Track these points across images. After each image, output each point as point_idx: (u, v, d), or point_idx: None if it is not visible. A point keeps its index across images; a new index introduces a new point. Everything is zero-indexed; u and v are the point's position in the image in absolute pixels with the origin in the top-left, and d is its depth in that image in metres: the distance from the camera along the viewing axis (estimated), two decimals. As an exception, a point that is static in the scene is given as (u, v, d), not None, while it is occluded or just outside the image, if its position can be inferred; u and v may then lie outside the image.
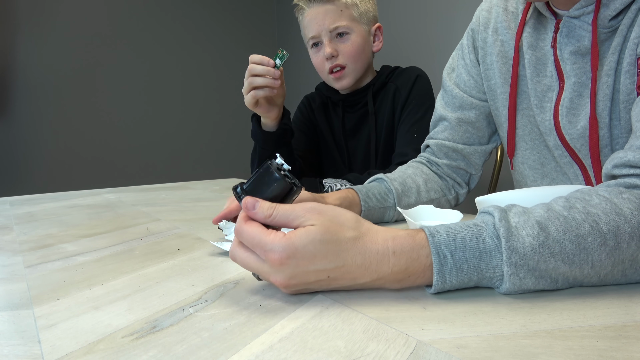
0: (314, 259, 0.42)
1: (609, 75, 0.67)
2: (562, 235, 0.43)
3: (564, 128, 0.73)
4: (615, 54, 0.66)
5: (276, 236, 0.43)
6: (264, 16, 3.29)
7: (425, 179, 0.88)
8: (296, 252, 0.42)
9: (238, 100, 3.23)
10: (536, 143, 0.80)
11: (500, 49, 0.82)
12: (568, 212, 0.45)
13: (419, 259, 0.44)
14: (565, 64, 0.71)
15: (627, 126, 0.66)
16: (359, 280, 0.44)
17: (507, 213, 0.45)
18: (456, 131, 0.90)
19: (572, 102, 0.71)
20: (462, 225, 0.45)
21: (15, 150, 2.57)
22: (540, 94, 0.76)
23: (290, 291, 0.45)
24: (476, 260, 0.43)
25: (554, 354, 0.33)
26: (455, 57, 0.92)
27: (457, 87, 0.90)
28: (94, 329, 0.40)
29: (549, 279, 0.44)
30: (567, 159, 0.75)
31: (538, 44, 0.76)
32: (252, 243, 0.44)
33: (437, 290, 0.44)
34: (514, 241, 0.43)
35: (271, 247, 0.42)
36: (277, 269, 0.43)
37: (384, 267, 0.44)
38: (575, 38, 0.69)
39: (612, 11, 0.64)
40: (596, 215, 0.45)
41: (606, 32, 0.67)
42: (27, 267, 0.60)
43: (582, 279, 0.45)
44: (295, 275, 0.43)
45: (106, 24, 2.76)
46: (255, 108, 1.05)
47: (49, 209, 1.11)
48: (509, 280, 0.43)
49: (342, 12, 1.16)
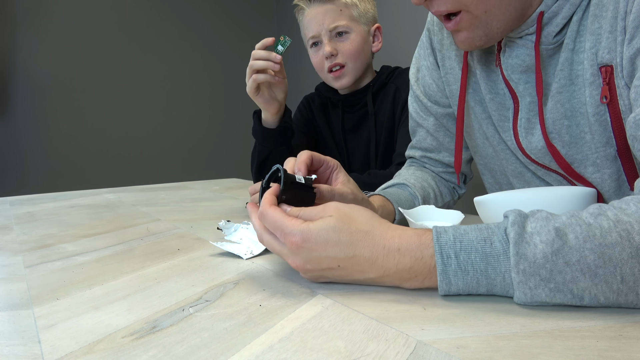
0: (326, 245, 0.45)
1: (561, 92, 0.64)
2: (581, 244, 0.39)
3: (526, 148, 0.70)
4: (565, 70, 0.63)
5: (296, 222, 0.46)
6: (263, 17, 3.29)
7: (436, 182, 0.88)
8: (311, 237, 0.45)
9: (238, 101, 3.23)
10: (508, 154, 0.77)
11: (457, 52, 0.78)
12: (595, 219, 0.41)
13: (423, 258, 0.43)
14: (517, 84, 0.68)
15: (603, 139, 0.63)
16: (368, 274, 0.46)
17: (525, 218, 0.42)
18: (435, 138, 0.88)
19: (529, 121, 0.69)
20: (474, 227, 0.44)
21: (15, 150, 2.57)
22: (496, 112, 0.73)
23: (308, 276, 0.49)
24: (483, 263, 0.41)
25: (554, 354, 0.33)
26: (418, 56, 0.89)
27: (423, 93, 0.87)
28: (94, 329, 0.40)
29: (569, 294, 0.39)
30: (543, 171, 0.73)
31: (487, 58, 0.73)
32: (274, 226, 0.47)
33: (445, 293, 0.43)
34: (524, 247, 0.40)
35: (290, 230, 0.46)
36: (295, 252, 0.46)
37: (389, 264, 0.45)
38: (520, 58, 0.66)
39: (556, 27, 0.62)
40: (628, 223, 0.40)
41: (552, 48, 0.64)
42: (27, 267, 0.60)
43: (615, 297, 0.39)
44: (309, 259, 0.46)
45: (106, 24, 2.76)
46: (256, 97, 1.04)
47: (49, 209, 1.11)
48: (517, 289, 0.40)
49: (341, 12, 1.16)
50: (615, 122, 0.60)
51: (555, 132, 0.66)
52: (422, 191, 0.82)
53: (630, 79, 0.56)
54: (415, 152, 0.92)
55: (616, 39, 0.57)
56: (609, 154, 0.64)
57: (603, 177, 0.66)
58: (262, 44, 0.99)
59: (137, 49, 2.86)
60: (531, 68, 0.66)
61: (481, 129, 0.78)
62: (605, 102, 0.60)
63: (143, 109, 2.90)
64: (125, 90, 2.84)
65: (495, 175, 0.84)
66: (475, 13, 0.61)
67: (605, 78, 0.59)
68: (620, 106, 0.59)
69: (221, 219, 0.82)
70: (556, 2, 0.61)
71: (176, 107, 3.01)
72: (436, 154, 0.89)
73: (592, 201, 0.61)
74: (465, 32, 0.63)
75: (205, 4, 3.07)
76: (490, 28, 0.62)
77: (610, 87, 0.59)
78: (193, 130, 3.06)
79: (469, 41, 0.64)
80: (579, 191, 0.61)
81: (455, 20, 0.62)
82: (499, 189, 0.85)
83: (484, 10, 0.60)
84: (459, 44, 0.66)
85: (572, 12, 0.60)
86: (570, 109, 0.64)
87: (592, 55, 0.60)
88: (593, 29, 0.59)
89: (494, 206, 0.62)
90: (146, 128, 2.91)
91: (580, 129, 0.65)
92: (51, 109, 2.64)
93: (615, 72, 0.58)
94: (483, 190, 0.91)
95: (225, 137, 3.16)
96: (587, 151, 0.65)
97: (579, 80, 0.62)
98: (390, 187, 0.83)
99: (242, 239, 0.67)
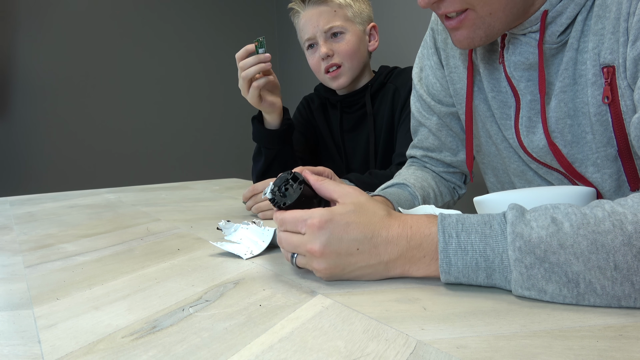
0: (347, 227, 0.47)
1: (564, 92, 0.64)
2: (575, 230, 0.41)
3: (528, 146, 0.70)
4: (569, 69, 0.63)
5: (315, 209, 0.49)
6: (263, 18, 3.29)
7: (436, 182, 0.88)
8: (334, 217, 0.47)
9: (238, 101, 3.23)
10: (510, 153, 0.77)
11: (461, 51, 0.78)
12: (591, 210, 0.42)
13: (430, 235, 0.46)
14: (518, 82, 0.68)
15: (604, 139, 0.63)
16: (383, 256, 0.48)
17: (525, 209, 0.45)
18: (437, 138, 0.88)
19: (531, 120, 0.69)
20: (476, 214, 0.47)
21: (15, 150, 2.57)
22: (499, 110, 0.73)
23: (323, 265, 0.48)
24: (482, 244, 0.43)
25: (554, 354, 0.33)
26: (421, 56, 0.88)
27: (426, 93, 0.87)
28: (94, 329, 0.40)
29: (564, 276, 0.40)
30: (544, 169, 0.73)
31: (490, 56, 0.73)
32: (294, 221, 0.49)
33: (446, 275, 0.45)
34: (520, 227, 0.42)
35: (311, 214, 0.48)
36: (315, 234, 0.47)
37: (402, 241, 0.47)
38: (523, 55, 0.66)
39: (560, 27, 0.62)
40: (622, 214, 0.41)
41: (555, 47, 0.64)
42: (27, 267, 0.60)
43: (610, 286, 0.40)
44: (330, 241, 0.47)
45: (106, 24, 2.76)
46: (260, 104, 1.04)
47: (49, 209, 1.11)
48: (514, 268, 0.42)
49: (336, 13, 1.17)
50: (617, 122, 0.60)
51: (558, 131, 0.66)
52: (422, 191, 0.82)
53: (633, 80, 0.56)
54: (417, 151, 0.92)
55: (618, 39, 0.57)
56: (609, 154, 0.64)
57: (603, 177, 0.66)
58: (245, 51, 0.99)
59: (137, 49, 2.86)
60: (534, 66, 0.66)
61: (485, 127, 0.78)
62: (607, 102, 0.60)
63: (143, 109, 2.90)
64: (126, 90, 2.84)
65: (497, 174, 0.84)
66: (480, 13, 0.61)
67: (607, 78, 0.59)
68: (621, 107, 0.59)
69: (221, 219, 0.82)
70: (561, 2, 0.61)
71: (176, 107, 3.01)
72: (437, 154, 0.89)
73: (591, 200, 0.61)
74: (466, 31, 0.63)
75: (205, 5, 3.07)
76: (492, 29, 0.62)
77: (612, 87, 0.59)
78: (193, 130, 3.06)
79: (468, 40, 0.64)
80: (577, 190, 0.61)
81: (459, 18, 0.62)
82: (500, 188, 0.85)
83: (489, 12, 0.60)
84: (456, 42, 0.66)
85: (577, 12, 0.60)
86: (573, 108, 0.64)
87: (595, 56, 0.60)
88: (596, 29, 0.59)
89: (494, 206, 0.62)
90: (146, 128, 2.91)
91: (582, 129, 0.65)
92: (51, 109, 2.64)
93: (617, 72, 0.58)
94: (483, 190, 0.91)
95: (225, 137, 3.16)
96: (587, 151, 0.66)
97: (582, 80, 0.62)
98: (390, 187, 0.83)
99: (242, 239, 0.67)
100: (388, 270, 0.48)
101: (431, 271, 0.47)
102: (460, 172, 0.91)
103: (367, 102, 1.23)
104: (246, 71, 0.98)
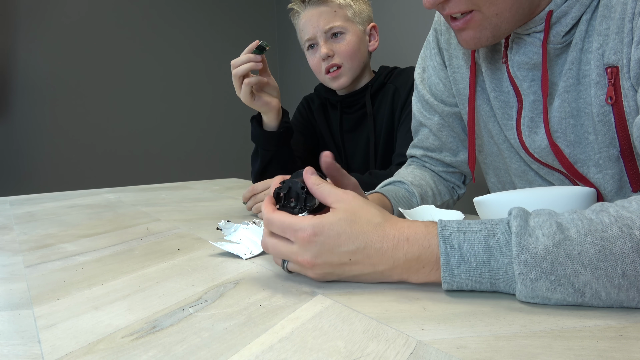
0: (339, 237, 0.45)
1: (568, 92, 0.64)
2: (582, 237, 0.40)
3: (529, 146, 0.70)
4: (573, 69, 0.63)
5: (305, 218, 0.47)
6: (263, 18, 3.30)
7: (435, 181, 0.88)
8: (323, 229, 0.45)
9: (238, 101, 3.22)
10: (511, 153, 0.77)
11: (464, 51, 0.78)
12: (596, 215, 0.41)
13: (430, 247, 0.44)
14: (521, 82, 0.68)
15: (606, 140, 0.63)
16: (378, 266, 0.46)
17: (528, 214, 0.43)
18: (438, 138, 0.88)
19: (533, 120, 0.69)
20: (478, 221, 0.45)
21: (15, 150, 2.57)
22: (500, 110, 0.73)
23: (316, 273, 0.47)
24: (485, 255, 0.42)
25: (554, 354, 0.33)
26: (424, 56, 0.88)
27: (428, 92, 0.87)
28: (94, 329, 0.40)
29: (570, 288, 0.40)
30: (546, 170, 0.73)
31: (493, 56, 0.73)
32: (283, 227, 0.47)
33: (448, 285, 0.43)
34: (526, 239, 0.40)
35: (301, 226, 0.46)
36: (305, 247, 0.46)
37: (398, 253, 0.45)
38: (527, 55, 0.66)
39: (565, 27, 0.62)
40: (629, 219, 0.40)
41: (560, 47, 0.64)
42: (27, 267, 0.60)
43: (616, 293, 0.39)
44: (320, 253, 0.46)
45: (106, 24, 2.77)
46: (253, 103, 1.04)
47: (49, 209, 1.11)
48: (519, 281, 0.41)
49: (336, 13, 1.17)
50: (619, 123, 0.60)
51: (561, 131, 0.66)
52: (420, 189, 0.82)
53: (637, 81, 0.56)
54: (417, 151, 0.92)
55: (622, 40, 0.57)
56: (611, 155, 0.64)
57: (605, 177, 0.66)
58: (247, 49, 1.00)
59: (137, 49, 2.86)
60: (537, 66, 0.66)
61: (487, 127, 0.78)
62: (610, 102, 0.60)
63: (143, 109, 2.90)
64: (126, 90, 2.84)
65: (499, 174, 0.84)
66: (486, 14, 0.60)
67: (610, 79, 0.59)
68: (624, 107, 0.59)
69: (221, 219, 0.82)
70: (565, 2, 0.61)
71: (176, 107, 3.01)
72: (437, 154, 0.89)
73: (591, 201, 0.61)
74: (472, 31, 0.63)
75: (205, 4, 3.08)
76: (498, 30, 0.62)
77: (615, 88, 0.59)
78: (193, 130, 3.06)
79: (474, 41, 0.64)
80: (578, 191, 0.61)
81: (465, 19, 0.62)
82: (501, 188, 0.85)
83: (496, 13, 0.60)
84: (463, 43, 0.65)
85: (582, 12, 0.60)
86: (576, 108, 0.64)
87: (599, 56, 0.60)
88: (601, 29, 0.59)
89: (494, 206, 0.62)
90: (146, 128, 2.91)
91: (584, 129, 0.65)
92: (51, 109, 2.64)
93: (621, 73, 0.58)
94: (483, 190, 0.91)
95: (225, 137, 3.16)
96: (590, 151, 0.65)
97: (585, 80, 0.62)
98: (388, 185, 0.83)
99: (242, 239, 0.67)
100: (384, 277, 0.47)
101: (431, 279, 0.46)
102: (459, 172, 0.91)
103: (367, 102, 1.23)
104: (237, 69, 0.99)
